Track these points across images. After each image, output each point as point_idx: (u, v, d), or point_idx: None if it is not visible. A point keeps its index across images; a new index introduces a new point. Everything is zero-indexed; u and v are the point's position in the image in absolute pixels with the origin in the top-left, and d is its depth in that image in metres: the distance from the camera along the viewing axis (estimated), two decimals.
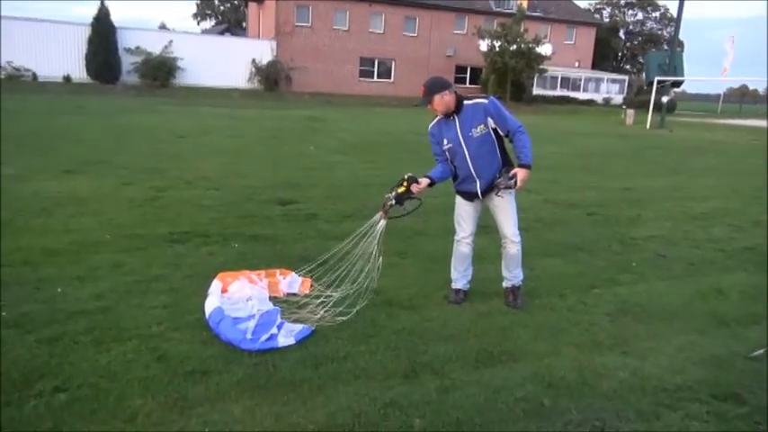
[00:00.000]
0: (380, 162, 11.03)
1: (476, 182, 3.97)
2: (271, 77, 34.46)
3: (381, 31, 40.55)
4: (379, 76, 41.16)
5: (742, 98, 79.78)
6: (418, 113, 27.05)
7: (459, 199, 4.17)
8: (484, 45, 38.84)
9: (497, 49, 37.78)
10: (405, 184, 3.87)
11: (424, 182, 3.93)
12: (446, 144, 3.95)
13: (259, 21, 41.94)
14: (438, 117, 3.98)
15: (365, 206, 6.85)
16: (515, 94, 38.95)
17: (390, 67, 41.51)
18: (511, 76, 38.35)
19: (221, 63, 33.94)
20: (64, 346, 3.20)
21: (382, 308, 3.97)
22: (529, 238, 5.92)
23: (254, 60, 34.67)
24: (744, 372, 3.35)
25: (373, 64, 40.89)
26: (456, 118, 3.89)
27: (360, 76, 40.31)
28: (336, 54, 38.38)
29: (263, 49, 35.45)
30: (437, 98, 3.81)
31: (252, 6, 44.33)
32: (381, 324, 3.72)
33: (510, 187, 3.84)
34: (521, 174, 3.80)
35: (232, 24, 57.26)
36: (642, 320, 4.04)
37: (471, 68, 43.04)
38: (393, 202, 3.88)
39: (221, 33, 49.88)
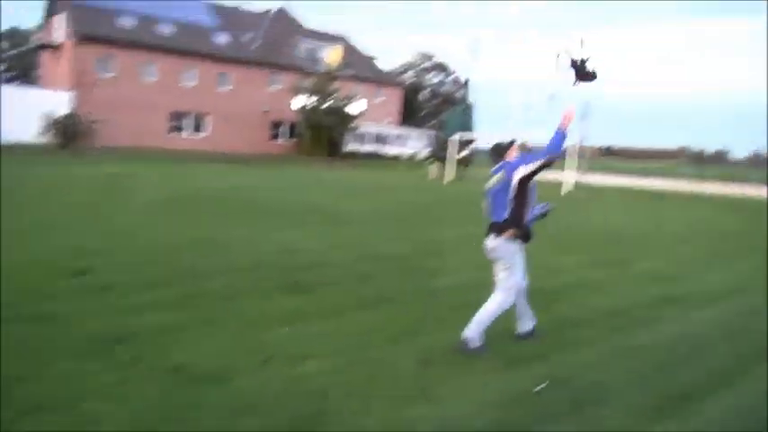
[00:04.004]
0: (193, 221, 10.54)
1: None
2: (69, 131, 31.42)
3: (194, 85, 39.64)
4: (192, 131, 39.95)
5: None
6: (233, 169, 26.56)
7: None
8: (299, 102, 39.93)
9: (312, 106, 39.08)
10: None
11: None
12: None
13: (55, 70, 38.46)
14: None
15: (175, 271, 6.46)
16: (330, 149, 40.33)
17: (204, 122, 40.56)
18: (326, 132, 39.74)
19: (10, 116, 30.17)
20: None
21: (184, 384, 3.72)
22: (339, 292, 6.06)
23: (49, 113, 31.38)
24: (533, 405, 3.71)
25: (185, 118, 39.64)
26: None
27: (171, 131, 38.76)
28: (144, 107, 36.50)
29: (59, 101, 32.41)
30: None
31: (47, 54, 40.56)
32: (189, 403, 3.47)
33: None
34: None
35: (21, 73, 51.63)
36: (446, 367, 4.30)
37: (287, 124, 43.81)
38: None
39: (8, 82, 44.68)
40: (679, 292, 7.04)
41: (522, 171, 4.47)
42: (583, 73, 4.33)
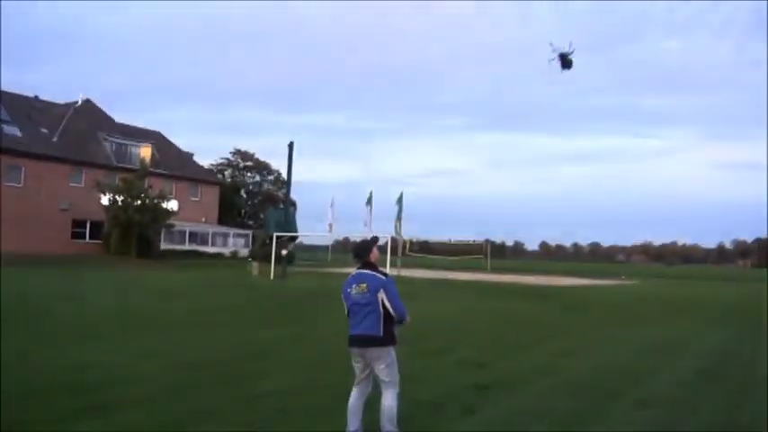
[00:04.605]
0: None
1: None
2: None
3: None
4: None
5: (346, 248, 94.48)
6: (20, 273, 23.12)
7: None
8: (105, 199, 37.07)
9: (120, 203, 36.50)
10: None
11: None
12: None
13: None
14: None
15: None
16: (142, 249, 37.57)
17: None
18: (136, 230, 37.12)
19: None
20: None
21: None
22: (145, 411, 5.36)
23: None
24: None
25: None
26: None
27: None
28: None
29: None
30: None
31: None
32: None
33: None
34: None
35: None
36: None
37: (92, 223, 40.26)
38: None
39: None
40: (491, 378, 7.42)
41: (382, 296, 4.60)
42: (566, 62, 5.47)
